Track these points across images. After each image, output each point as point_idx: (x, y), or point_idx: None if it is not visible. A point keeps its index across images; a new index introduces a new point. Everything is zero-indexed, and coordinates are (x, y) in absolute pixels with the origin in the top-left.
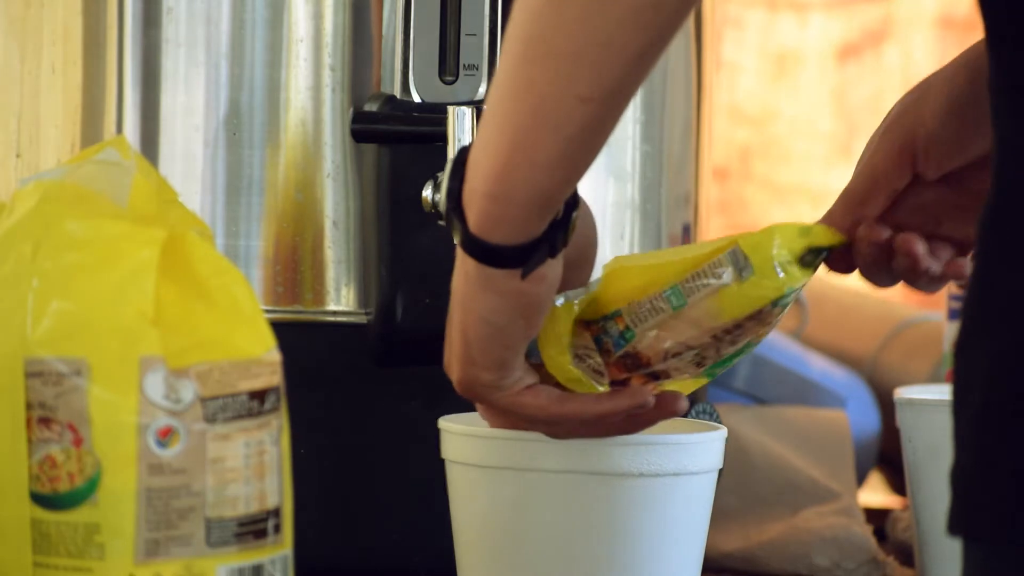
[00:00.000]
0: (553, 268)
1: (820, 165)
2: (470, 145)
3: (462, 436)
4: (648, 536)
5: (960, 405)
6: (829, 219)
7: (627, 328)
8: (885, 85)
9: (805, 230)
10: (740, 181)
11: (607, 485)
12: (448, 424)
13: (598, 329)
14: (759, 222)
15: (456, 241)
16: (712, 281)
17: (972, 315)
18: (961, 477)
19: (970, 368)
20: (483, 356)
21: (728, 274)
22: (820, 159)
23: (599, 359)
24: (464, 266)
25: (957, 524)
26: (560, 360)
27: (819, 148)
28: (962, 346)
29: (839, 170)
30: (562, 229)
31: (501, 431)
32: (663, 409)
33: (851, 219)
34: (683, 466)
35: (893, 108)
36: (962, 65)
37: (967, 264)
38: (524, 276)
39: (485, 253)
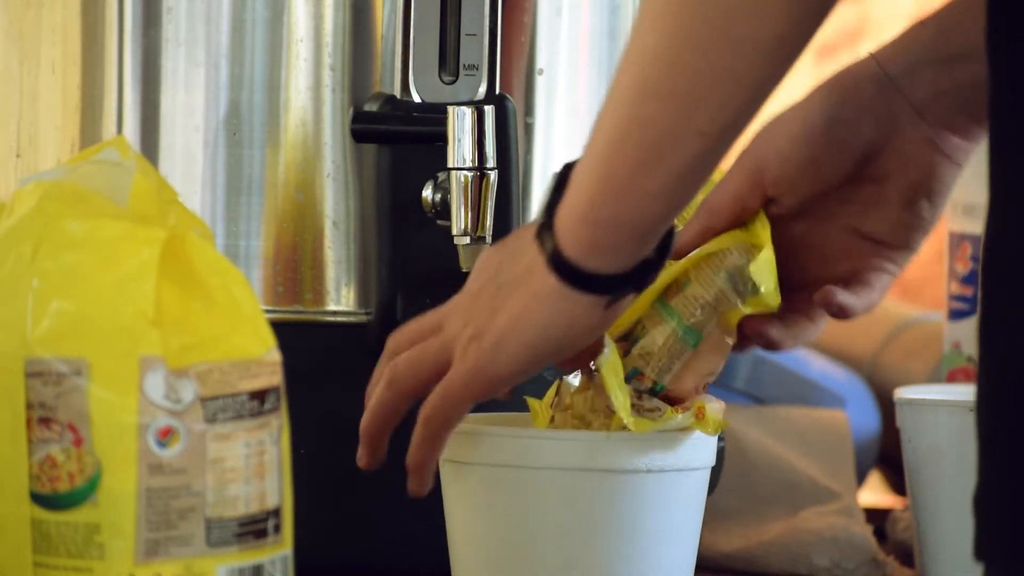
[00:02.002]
0: (626, 302)
1: None
2: (574, 163)
3: (460, 435)
4: (642, 532)
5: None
6: (685, 228)
7: (655, 383)
8: None
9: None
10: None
11: (601, 481)
12: None
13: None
14: None
15: (541, 255)
16: (724, 304)
17: (983, 345)
18: (979, 503)
19: (979, 396)
20: (518, 357)
21: (734, 298)
22: None
23: (649, 399)
24: (540, 279)
25: (980, 550)
26: (625, 406)
27: None
28: (979, 375)
29: None
30: (654, 267)
31: (497, 429)
32: None
33: (701, 229)
34: (677, 462)
35: (751, 135)
36: (815, 92)
37: (833, 292)
38: (608, 306)
39: (573, 275)
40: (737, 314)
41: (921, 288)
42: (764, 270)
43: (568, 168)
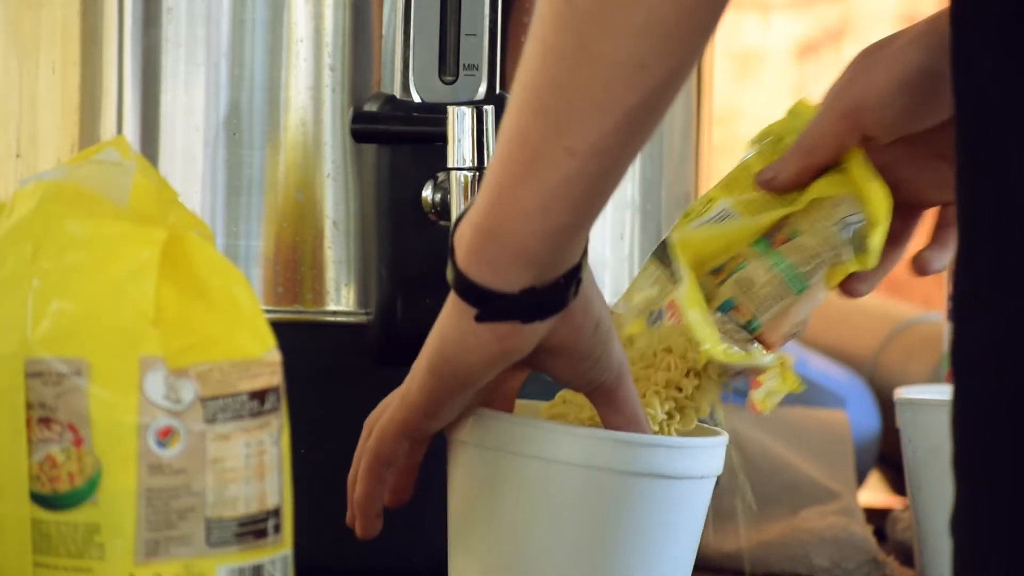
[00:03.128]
0: (517, 335)
1: None
2: None
3: (482, 417)
4: (645, 536)
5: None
6: (783, 165)
7: (753, 319)
8: None
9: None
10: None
11: (611, 481)
12: None
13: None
14: None
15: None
16: (831, 259)
17: (956, 368)
18: (956, 525)
19: (954, 417)
20: (420, 385)
21: (848, 253)
22: None
23: (739, 331)
24: (450, 296)
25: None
26: (712, 335)
27: None
28: (953, 394)
29: None
30: (538, 303)
31: (514, 416)
32: None
33: (800, 167)
34: (689, 470)
35: (845, 71)
36: (915, 39)
37: (929, 259)
38: (478, 319)
39: (462, 285)
40: (843, 271)
41: (912, 287)
42: (878, 234)
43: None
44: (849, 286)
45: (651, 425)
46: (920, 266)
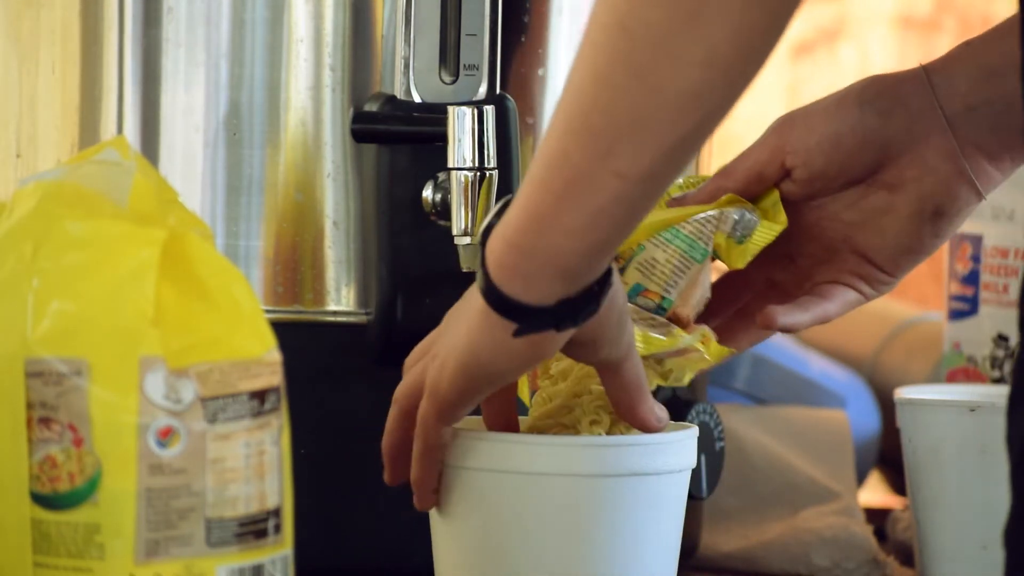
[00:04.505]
0: (550, 341)
1: None
2: (513, 196)
3: None
4: (622, 535)
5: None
6: (697, 190)
7: (663, 299)
8: (839, 83)
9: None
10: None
11: (581, 485)
12: None
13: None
14: None
15: (477, 281)
16: (721, 227)
17: (1018, 377)
18: (1009, 536)
19: (1012, 429)
20: (454, 377)
21: (729, 229)
22: None
23: (655, 316)
24: (476, 301)
25: None
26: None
27: None
28: (1010, 405)
29: None
30: (576, 309)
31: (476, 432)
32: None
33: (715, 187)
34: (657, 466)
35: (780, 119)
36: (861, 83)
37: (774, 313)
38: (515, 335)
39: (495, 298)
40: (721, 239)
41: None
42: (766, 232)
43: (509, 200)
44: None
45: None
46: (766, 319)
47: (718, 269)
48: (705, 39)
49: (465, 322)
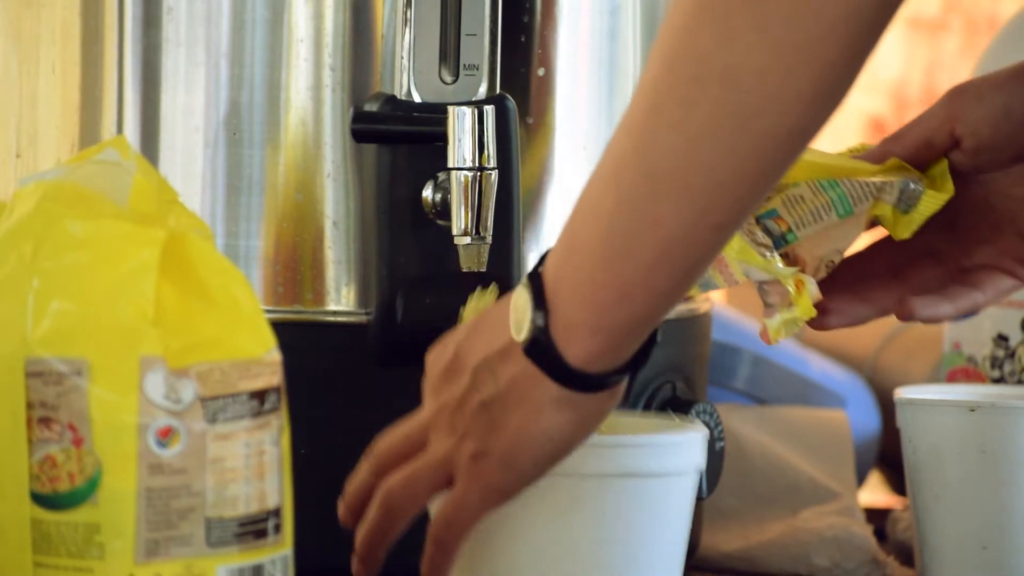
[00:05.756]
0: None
1: None
2: (541, 271)
3: None
4: (625, 537)
5: None
6: (868, 156)
7: (789, 230)
8: None
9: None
10: None
11: (583, 485)
12: None
13: (755, 220)
14: None
15: (536, 367)
16: (879, 196)
17: None
18: None
19: None
20: (534, 468)
21: (893, 199)
22: None
23: (765, 237)
24: (541, 391)
25: None
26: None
27: None
28: None
29: None
30: (651, 346)
31: None
32: None
33: (883, 150)
34: (661, 467)
35: (949, 89)
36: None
37: (914, 304)
38: (613, 395)
39: (580, 382)
40: (886, 210)
41: None
42: (931, 202)
43: (537, 279)
44: (820, 319)
45: None
46: (906, 310)
47: (876, 235)
48: (808, 76)
49: (527, 417)
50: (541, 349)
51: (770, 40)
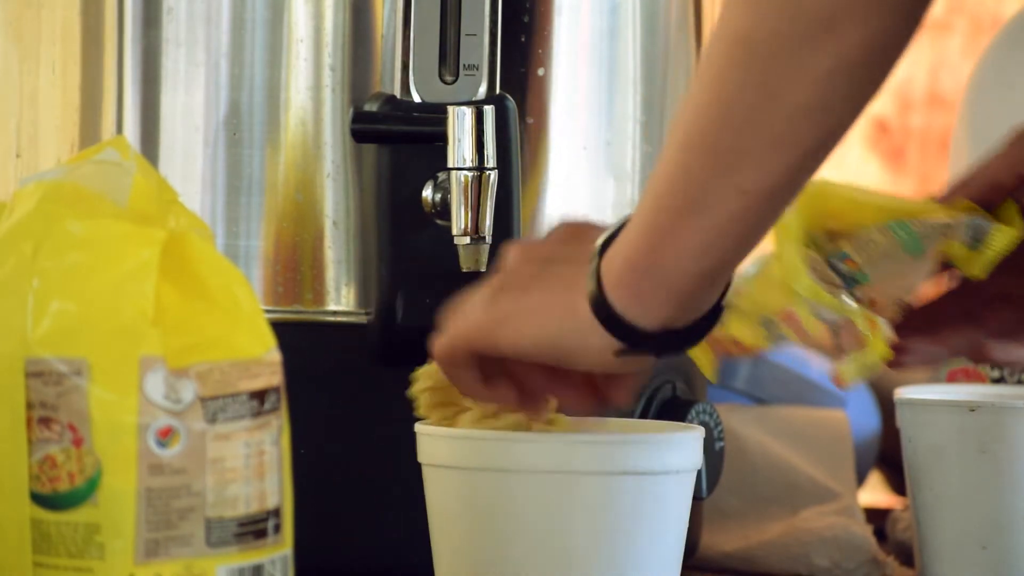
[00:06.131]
0: (641, 363)
1: None
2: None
3: (439, 438)
4: (622, 535)
5: None
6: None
7: (860, 271)
8: None
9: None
10: None
11: (577, 484)
12: (424, 427)
13: (822, 259)
14: None
15: (588, 279)
16: (950, 235)
17: None
18: None
19: None
20: (510, 339)
21: (963, 237)
22: None
23: (836, 277)
24: (574, 297)
25: None
26: (798, 268)
27: None
28: None
29: None
30: (678, 341)
31: (478, 432)
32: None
33: (948, 196)
34: (657, 465)
35: (1014, 129)
36: None
37: (989, 347)
38: (617, 355)
39: (603, 312)
40: (958, 248)
41: None
42: (1002, 237)
43: (627, 218)
44: (894, 358)
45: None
46: (980, 354)
47: (946, 281)
48: (833, 49)
49: (548, 302)
50: (594, 262)
51: (794, 13)
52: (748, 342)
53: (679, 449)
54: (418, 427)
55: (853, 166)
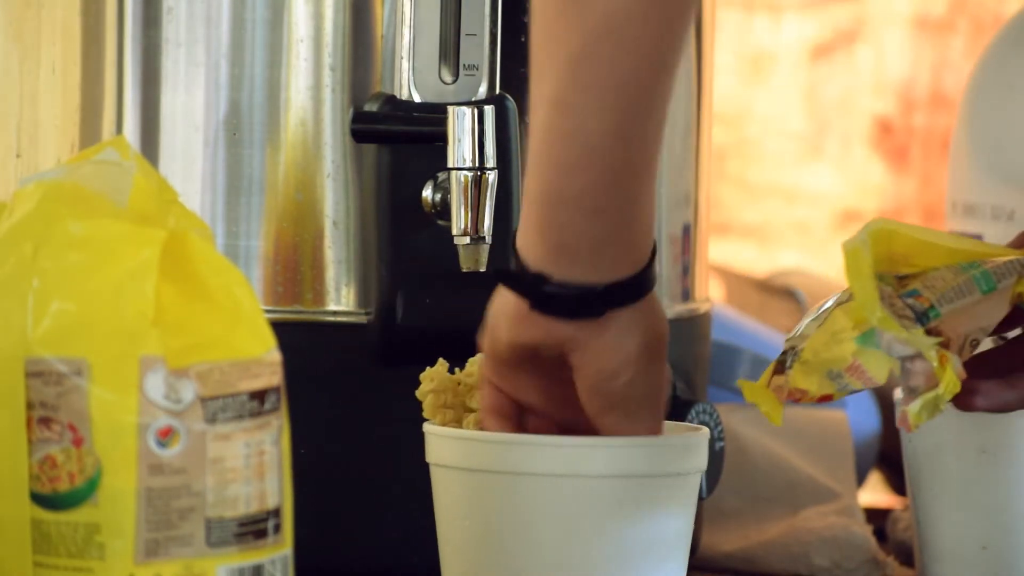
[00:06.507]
0: (565, 332)
1: (791, 164)
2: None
3: (448, 439)
4: (627, 538)
5: None
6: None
7: (932, 307)
8: (856, 84)
9: None
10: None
11: (584, 487)
12: (433, 428)
13: (897, 297)
14: (732, 219)
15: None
16: (1020, 276)
17: None
18: None
19: None
20: (486, 336)
21: None
22: (791, 158)
23: (907, 311)
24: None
25: None
26: (872, 298)
27: (790, 147)
28: None
29: (809, 168)
30: (596, 299)
31: (487, 434)
32: None
33: (1019, 239)
34: (663, 468)
35: None
36: None
37: None
38: (532, 308)
39: (524, 279)
40: None
41: None
42: None
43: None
44: (966, 398)
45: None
46: (966, 401)
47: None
48: None
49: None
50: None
51: None
52: (815, 391)
53: (688, 452)
54: (426, 427)
55: (856, 166)
